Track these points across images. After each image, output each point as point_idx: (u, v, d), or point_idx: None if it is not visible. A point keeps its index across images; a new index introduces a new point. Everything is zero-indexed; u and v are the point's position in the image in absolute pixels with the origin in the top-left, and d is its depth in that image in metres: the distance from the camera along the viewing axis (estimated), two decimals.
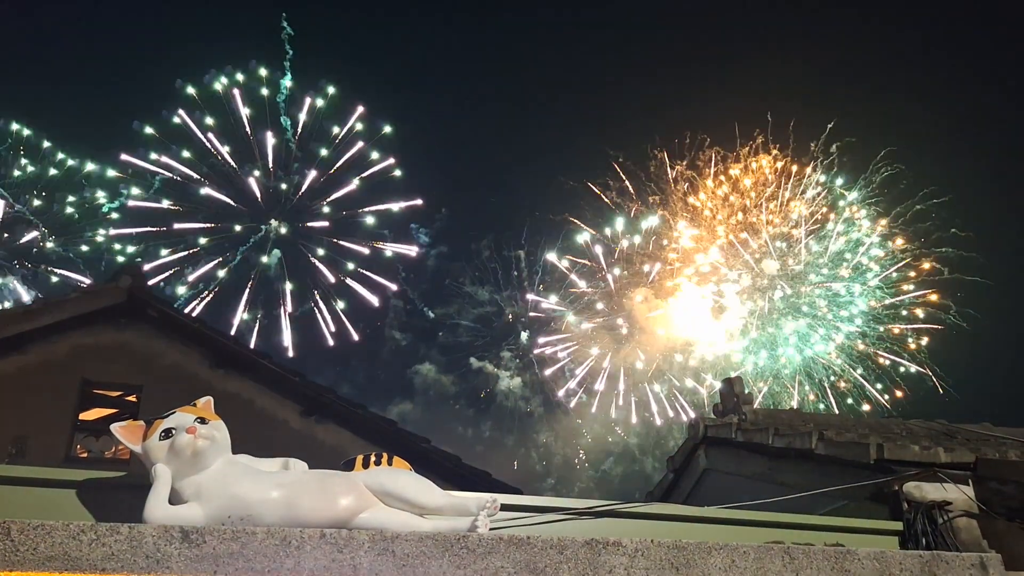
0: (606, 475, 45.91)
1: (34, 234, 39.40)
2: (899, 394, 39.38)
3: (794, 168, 41.07)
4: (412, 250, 45.89)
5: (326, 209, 44.16)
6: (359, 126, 43.68)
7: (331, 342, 43.42)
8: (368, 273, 44.00)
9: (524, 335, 46.90)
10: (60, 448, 9.61)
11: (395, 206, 44.49)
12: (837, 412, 35.12)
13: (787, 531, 4.12)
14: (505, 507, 3.41)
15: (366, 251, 44.15)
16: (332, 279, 43.69)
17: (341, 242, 44.10)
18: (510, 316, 46.68)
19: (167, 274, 40.89)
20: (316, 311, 43.63)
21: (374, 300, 44.32)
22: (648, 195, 42.93)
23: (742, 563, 2.96)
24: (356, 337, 43.98)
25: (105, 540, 2.34)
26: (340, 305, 43.67)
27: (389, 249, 44.61)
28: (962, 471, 5.01)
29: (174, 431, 2.70)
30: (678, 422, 41.83)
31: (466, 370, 48.13)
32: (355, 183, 43.72)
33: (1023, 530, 4.73)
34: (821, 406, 39.50)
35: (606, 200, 43.26)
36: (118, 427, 2.80)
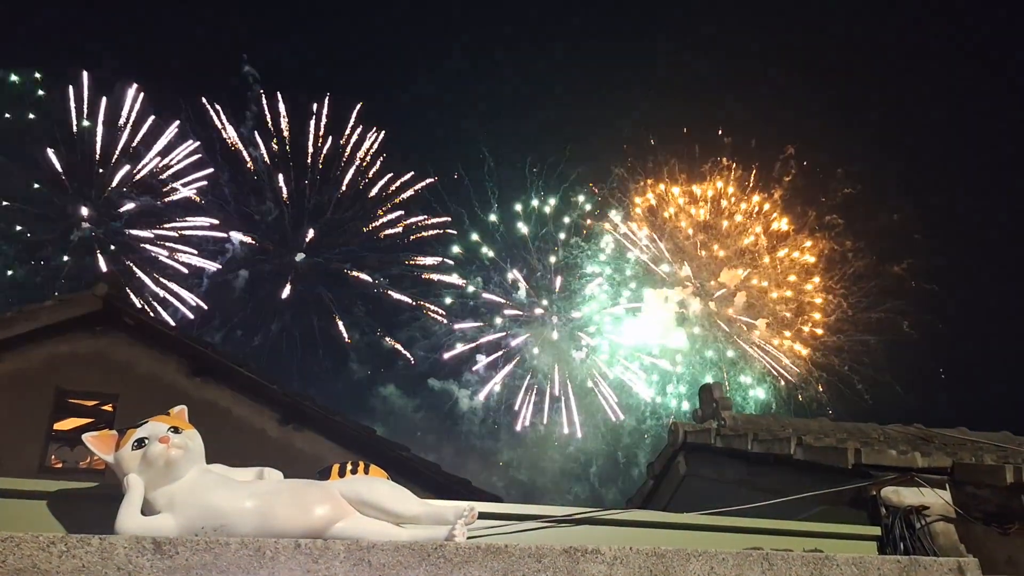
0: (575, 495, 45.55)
1: None
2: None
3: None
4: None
5: None
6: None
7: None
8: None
9: (481, 359, 46.52)
10: (34, 458, 9.51)
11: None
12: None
13: (766, 537, 4.12)
14: (483, 515, 3.39)
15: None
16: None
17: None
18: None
19: None
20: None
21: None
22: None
23: (721, 570, 2.95)
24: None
25: (76, 552, 2.30)
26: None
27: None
28: (939, 476, 5.03)
29: (147, 441, 2.66)
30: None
31: (427, 392, 47.59)
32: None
33: (1000, 534, 4.75)
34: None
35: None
36: (90, 437, 2.76)
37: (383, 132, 43.80)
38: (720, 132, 42.86)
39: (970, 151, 49.40)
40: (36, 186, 39.01)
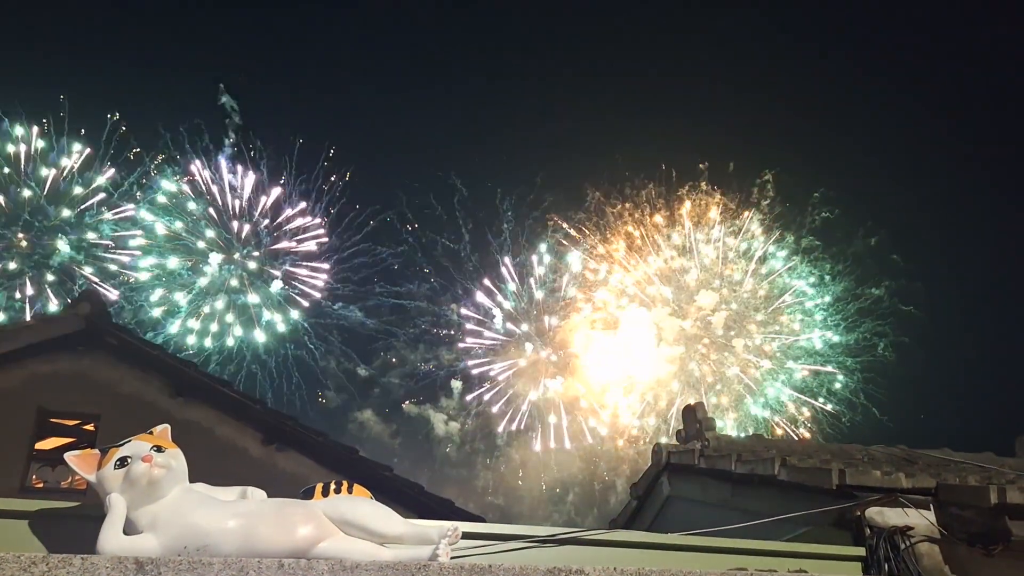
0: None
1: None
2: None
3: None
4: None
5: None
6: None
7: None
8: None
9: (457, 383, 46.36)
10: (15, 478, 9.43)
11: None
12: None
13: (750, 558, 4.11)
14: (467, 535, 3.38)
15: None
16: None
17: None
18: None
19: None
20: None
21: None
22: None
23: None
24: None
25: (57, 572, 2.29)
26: None
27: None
28: (923, 496, 5.02)
29: (129, 460, 2.65)
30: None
31: (402, 417, 47.35)
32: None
33: (984, 555, 4.75)
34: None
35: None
36: (72, 456, 2.75)
37: (350, 173, 44.23)
38: (701, 165, 43.14)
39: (949, 172, 49.86)
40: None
